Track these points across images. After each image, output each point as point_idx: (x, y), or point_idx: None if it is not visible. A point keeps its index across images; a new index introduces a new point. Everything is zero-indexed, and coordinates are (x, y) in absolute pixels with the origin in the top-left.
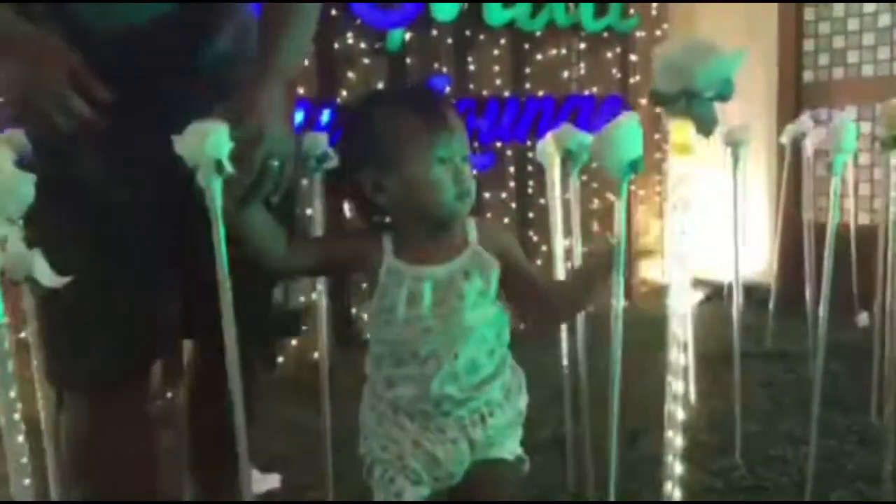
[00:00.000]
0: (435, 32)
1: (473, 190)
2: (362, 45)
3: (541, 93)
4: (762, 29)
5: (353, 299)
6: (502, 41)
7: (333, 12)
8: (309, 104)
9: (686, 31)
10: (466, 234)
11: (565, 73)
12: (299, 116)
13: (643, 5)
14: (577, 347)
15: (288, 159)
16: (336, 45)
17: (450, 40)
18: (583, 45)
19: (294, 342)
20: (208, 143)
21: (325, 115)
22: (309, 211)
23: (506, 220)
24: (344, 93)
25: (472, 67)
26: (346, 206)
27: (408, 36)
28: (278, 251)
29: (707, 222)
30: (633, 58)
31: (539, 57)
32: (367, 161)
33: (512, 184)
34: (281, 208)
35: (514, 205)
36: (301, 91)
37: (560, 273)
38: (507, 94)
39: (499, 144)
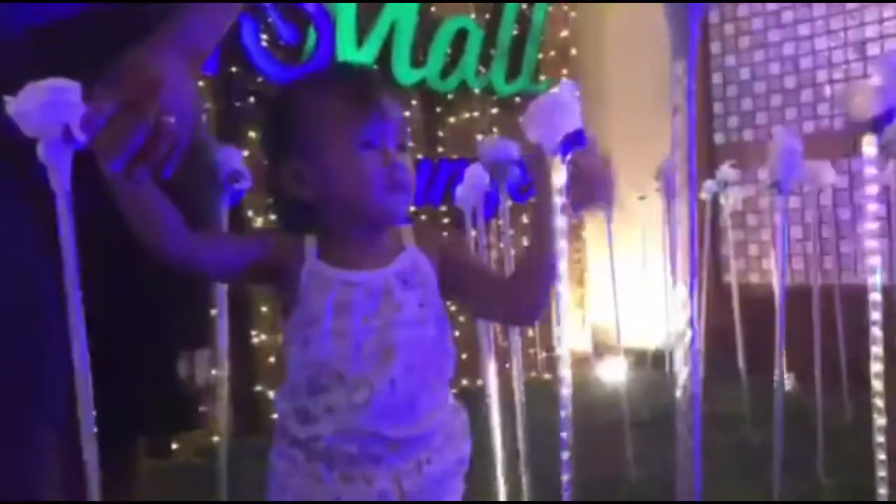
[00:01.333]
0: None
1: (411, 185)
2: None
3: (454, 156)
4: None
5: (260, 379)
6: (413, 102)
7: (234, 69)
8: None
9: (595, 101)
10: (401, 236)
11: (479, 137)
12: None
13: (554, 70)
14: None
15: (188, 124)
16: (237, 104)
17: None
18: (495, 110)
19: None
20: (52, 104)
21: None
22: None
23: None
24: (246, 153)
25: None
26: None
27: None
28: (175, 235)
29: (627, 287)
30: None
31: (452, 120)
32: (287, 148)
33: None
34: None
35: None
36: None
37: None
38: (419, 156)
39: (412, 208)
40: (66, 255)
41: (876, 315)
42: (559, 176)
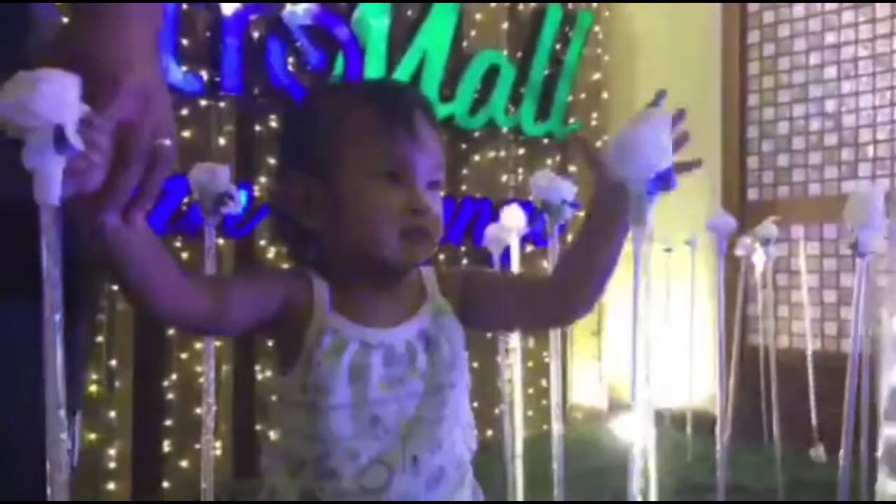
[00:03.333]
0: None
1: (437, 233)
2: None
3: (478, 195)
4: (705, 146)
5: (259, 418)
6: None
7: (256, 90)
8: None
9: None
10: (423, 281)
11: (503, 178)
12: None
13: (584, 114)
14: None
15: (173, 139)
16: (257, 128)
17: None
18: (522, 150)
19: (184, 464)
20: (42, 96)
21: (243, 197)
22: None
23: None
24: (262, 179)
25: None
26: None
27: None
28: (168, 283)
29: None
30: (572, 168)
31: (477, 158)
32: (298, 165)
33: None
34: None
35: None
36: None
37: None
38: (442, 193)
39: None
40: (48, 276)
41: None
42: (649, 219)
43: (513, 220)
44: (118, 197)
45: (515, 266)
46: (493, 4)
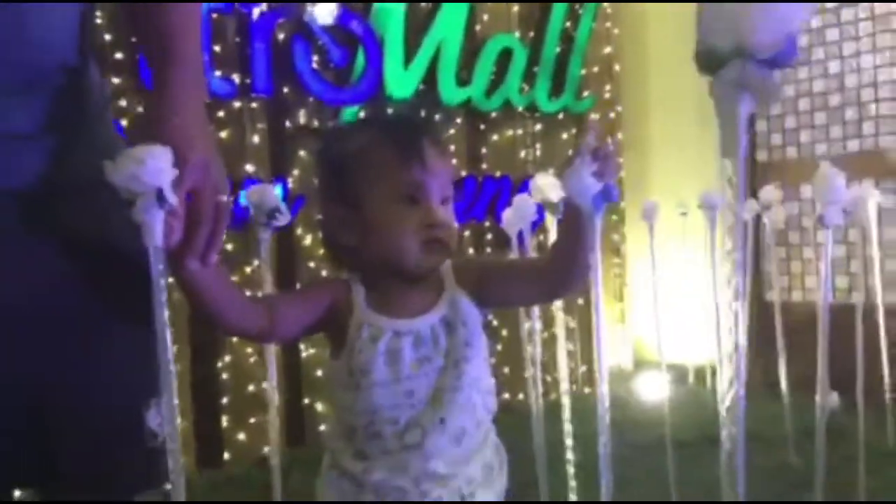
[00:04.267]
0: (390, 111)
1: (452, 242)
2: (315, 123)
3: (498, 173)
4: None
5: (305, 392)
6: (458, 120)
7: (286, 90)
8: (259, 183)
9: (638, 116)
10: (441, 278)
11: (522, 154)
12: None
13: (597, 88)
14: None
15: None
16: (288, 123)
17: (400, 114)
18: (538, 126)
19: (242, 437)
20: (147, 168)
21: (279, 190)
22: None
23: None
24: (296, 172)
25: None
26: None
27: (362, 114)
28: (235, 309)
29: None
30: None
31: (495, 137)
32: (333, 194)
33: None
34: None
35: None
36: (251, 169)
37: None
38: (463, 173)
39: (456, 224)
40: (157, 311)
41: None
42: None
43: (522, 209)
44: (194, 249)
45: (529, 247)
46: None
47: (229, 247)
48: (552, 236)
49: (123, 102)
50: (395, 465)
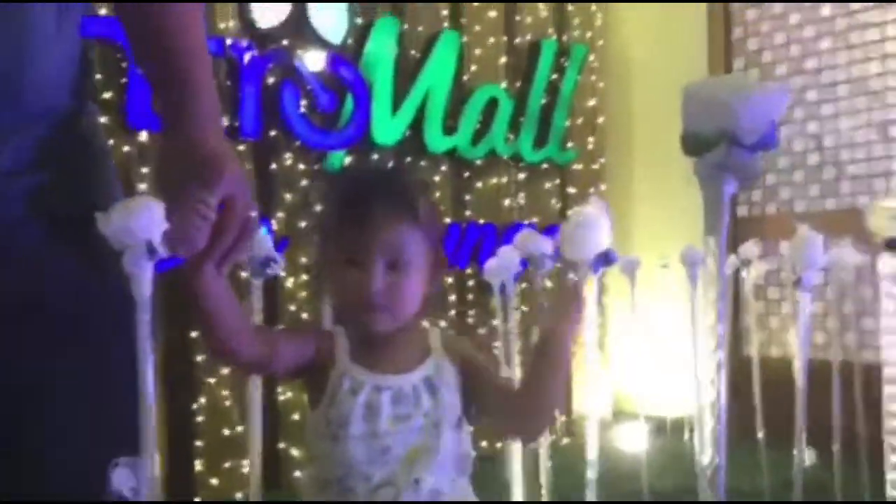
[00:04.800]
0: (376, 156)
1: (395, 304)
2: (301, 167)
3: (481, 220)
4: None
5: (281, 436)
6: (443, 168)
7: (273, 133)
8: None
9: (622, 168)
10: (427, 340)
11: (506, 202)
12: None
13: (580, 139)
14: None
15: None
16: (273, 166)
17: (390, 165)
18: (522, 176)
19: (215, 482)
20: (138, 221)
21: (263, 231)
22: None
23: None
24: (280, 214)
25: None
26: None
27: (347, 159)
28: (237, 326)
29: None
30: (571, 189)
31: (479, 185)
32: (315, 245)
33: (452, 311)
34: None
35: (452, 333)
36: None
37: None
38: (447, 220)
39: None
40: (142, 361)
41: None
42: (591, 293)
43: (506, 260)
44: (215, 254)
45: (510, 303)
46: (491, 40)
47: None
48: (535, 285)
49: (111, 142)
50: None
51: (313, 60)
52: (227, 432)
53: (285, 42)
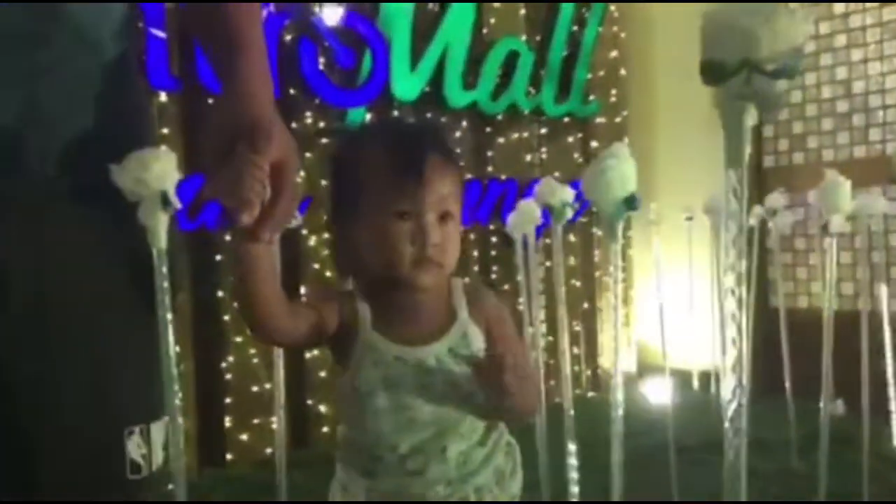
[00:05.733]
0: (396, 113)
1: (445, 257)
2: (321, 125)
3: (503, 176)
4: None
5: (308, 393)
6: (464, 123)
7: (292, 91)
8: None
9: (644, 120)
10: (453, 302)
11: (528, 157)
12: None
13: (602, 92)
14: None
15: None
16: (294, 125)
17: (411, 121)
18: (544, 130)
19: (245, 437)
20: (153, 172)
21: None
22: None
23: None
24: (302, 173)
25: None
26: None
27: (368, 116)
28: (273, 294)
29: (674, 308)
30: (593, 144)
31: (501, 140)
32: (338, 204)
33: (476, 268)
34: None
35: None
36: None
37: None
38: (468, 176)
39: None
40: (161, 313)
41: None
42: (616, 243)
43: (526, 214)
44: (268, 220)
45: (532, 257)
46: None
47: None
48: (557, 242)
49: None
50: (399, 486)
51: (330, 16)
52: (255, 389)
53: None
